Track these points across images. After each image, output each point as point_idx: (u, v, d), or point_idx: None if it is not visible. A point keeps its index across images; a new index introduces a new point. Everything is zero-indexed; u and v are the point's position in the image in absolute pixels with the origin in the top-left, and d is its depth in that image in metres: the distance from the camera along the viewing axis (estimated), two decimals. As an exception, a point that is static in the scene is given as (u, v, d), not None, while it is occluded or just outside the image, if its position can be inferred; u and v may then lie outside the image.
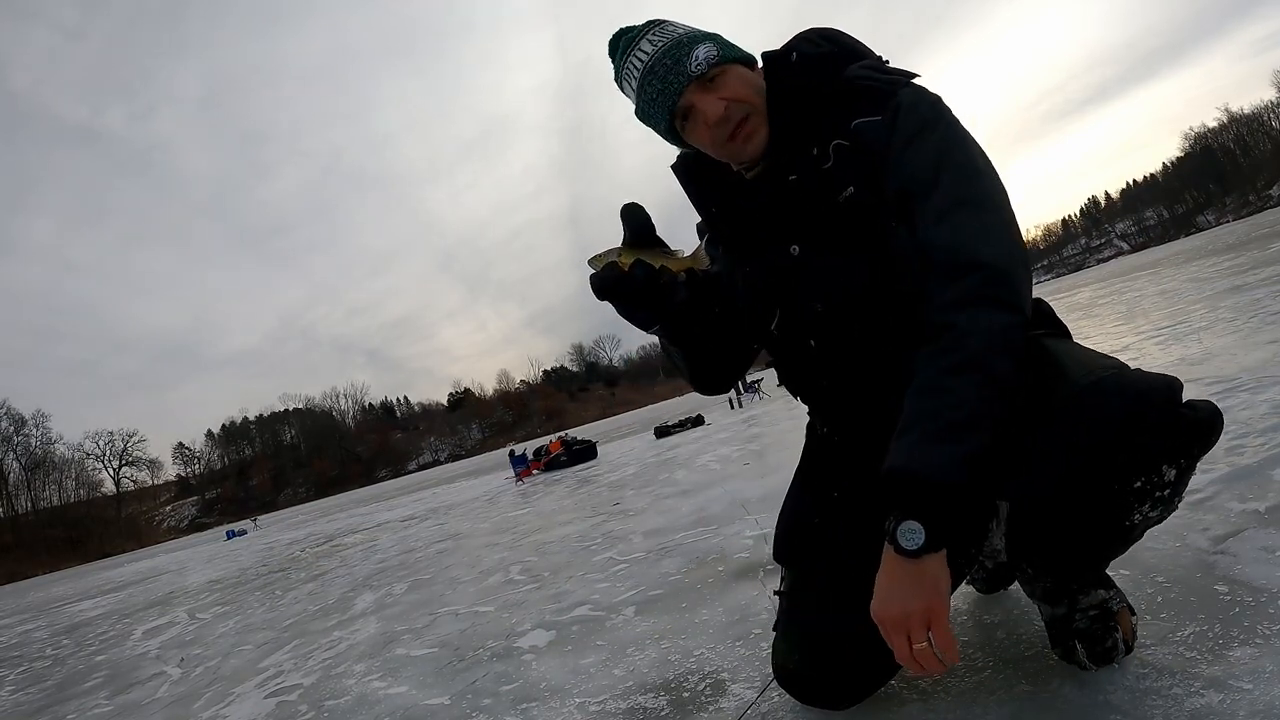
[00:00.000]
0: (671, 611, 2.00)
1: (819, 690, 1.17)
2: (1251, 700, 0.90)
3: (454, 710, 1.72)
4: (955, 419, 0.89)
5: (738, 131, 1.07)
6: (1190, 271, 10.67)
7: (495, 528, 5.23)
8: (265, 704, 2.22)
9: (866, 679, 1.15)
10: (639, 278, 1.02)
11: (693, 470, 5.32)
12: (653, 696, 1.47)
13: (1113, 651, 1.05)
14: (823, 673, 1.14)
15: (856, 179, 1.04)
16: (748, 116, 1.07)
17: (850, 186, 1.04)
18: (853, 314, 1.08)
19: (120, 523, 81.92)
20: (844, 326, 1.10)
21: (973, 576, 1.46)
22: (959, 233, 0.95)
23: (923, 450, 0.89)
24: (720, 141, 1.09)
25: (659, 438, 10.77)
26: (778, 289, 1.15)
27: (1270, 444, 1.88)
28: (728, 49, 1.09)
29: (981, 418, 0.90)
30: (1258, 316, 4.23)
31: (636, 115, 1.15)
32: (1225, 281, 7.19)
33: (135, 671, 3.36)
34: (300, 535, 11.26)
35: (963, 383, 0.90)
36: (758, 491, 3.52)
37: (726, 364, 1.27)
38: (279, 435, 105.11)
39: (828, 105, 1.07)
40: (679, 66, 1.05)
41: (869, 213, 1.04)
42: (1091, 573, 1.07)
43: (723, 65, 1.07)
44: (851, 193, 1.04)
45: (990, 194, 0.99)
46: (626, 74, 1.11)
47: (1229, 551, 1.33)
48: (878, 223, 1.03)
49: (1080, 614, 1.06)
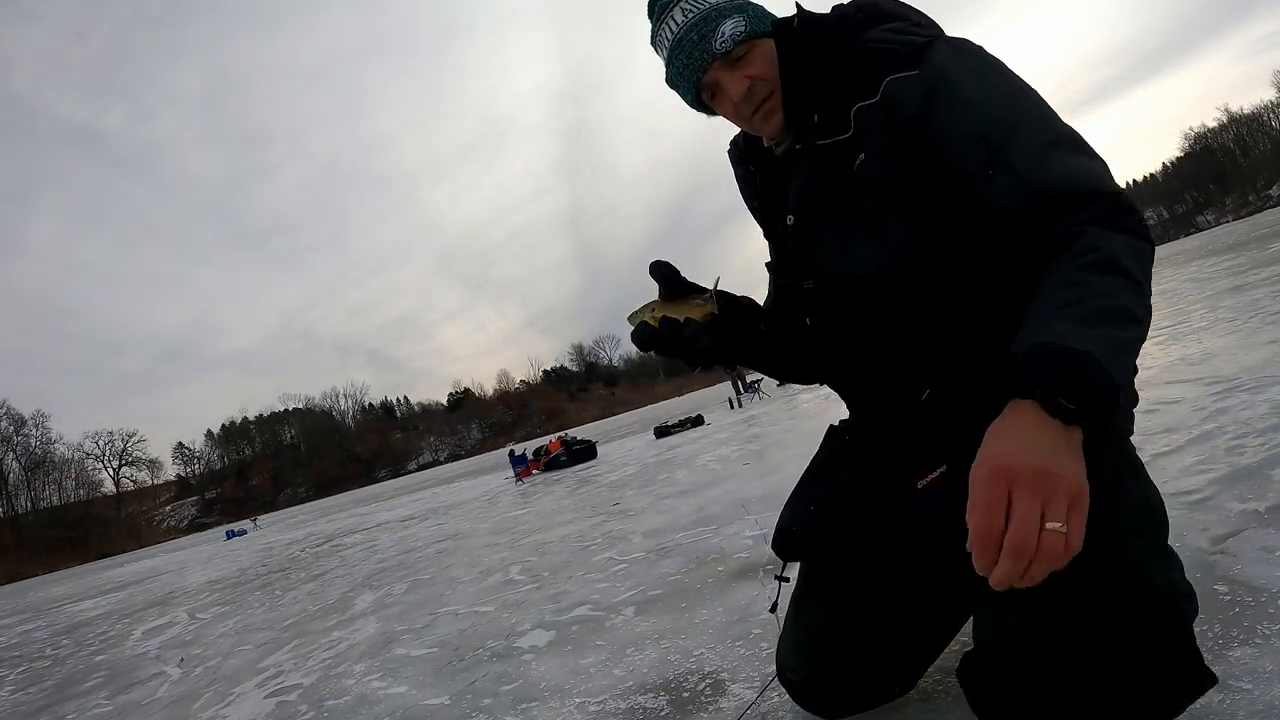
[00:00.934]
0: (671, 611, 2.00)
1: (819, 696, 1.16)
2: (1251, 700, 0.90)
3: (454, 710, 1.72)
4: (1105, 305, 0.74)
5: (758, 109, 1.07)
6: (1190, 271, 10.67)
7: (495, 528, 5.23)
8: (265, 704, 2.22)
9: (869, 687, 1.14)
10: (665, 334, 1.04)
11: (692, 470, 5.32)
12: (652, 696, 1.47)
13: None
14: (825, 677, 1.13)
15: (880, 142, 0.97)
16: (771, 94, 1.06)
17: (862, 154, 0.98)
18: (849, 295, 1.05)
19: (120, 523, 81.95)
20: (839, 307, 1.07)
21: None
22: (1078, 167, 0.87)
23: (1070, 329, 0.72)
24: (745, 118, 1.09)
25: (659, 438, 10.77)
26: (777, 264, 1.15)
27: (1270, 444, 1.88)
28: (756, 24, 1.06)
29: (1133, 313, 0.75)
30: (1257, 316, 4.23)
31: (665, 82, 1.15)
32: (1225, 281, 7.19)
33: (135, 671, 3.36)
34: (300, 535, 11.26)
35: (1108, 280, 0.77)
36: (757, 491, 3.52)
37: (796, 365, 1.24)
38: (279, 435, 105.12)
39: (842, 71, 1.03)
40: (705, 43, 1.05)
41: (886, 182, 0.98)
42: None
43: (750, 41, 1.05)
44: (863, 160, 0.98)
45: (1079, 136, 0.91)
46: (659, 40, 1.12)
47: (1229, 551, 1.33)
48: (898, 191, 0.98)
49: None
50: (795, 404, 9.27)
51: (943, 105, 0.93)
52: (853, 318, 1.06)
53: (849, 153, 0.99)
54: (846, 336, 1.09)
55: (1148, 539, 0.82)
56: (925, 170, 0.95)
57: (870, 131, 0.98)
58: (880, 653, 1.09)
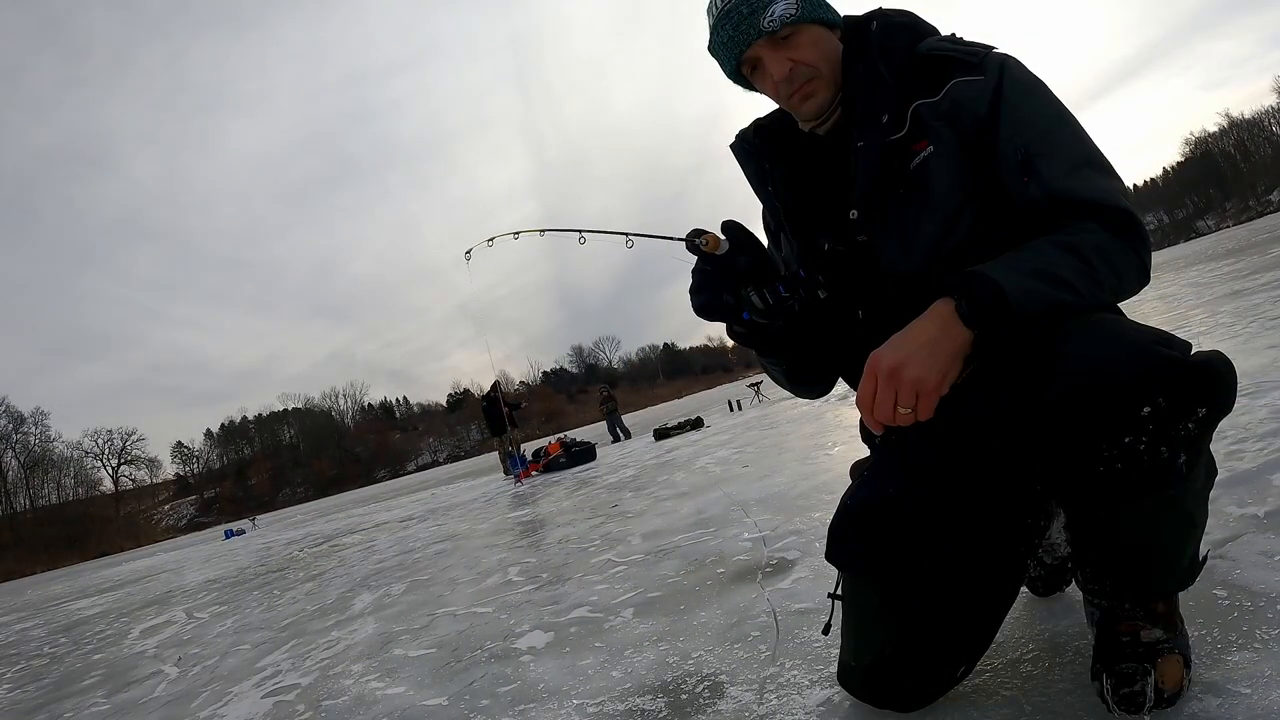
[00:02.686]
0: (670, 613, 2.00)
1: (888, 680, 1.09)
2: (1250, 705, 0.90)
3: (452, 711, 1.72)
4: (1042, 268, 0.90)
5: (797, 91, 1.09)
6: (1190, 276, 10.68)
7: (494, 529, 5.23)
8: (263, 704, 2.22)
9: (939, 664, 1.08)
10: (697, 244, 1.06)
11: (692, 472, 5.32)
12: (650, 698, 1.47)
13: (1138, 698, 0.92)
14: (894, 656, 1.06)
15: (949, 137, 1.04)
16: (813, 79, 1.09)
17: (926, 149, 1.04)
18: (909, 284, 1.06)
19: (118, 521, 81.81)
20: (897, 297, 1.07)
21: (1031, 577, 1.38)
22: (1096, 184, 0.98)
23: (1001, 269, 0.89)
24: (784, 98, 1.11)
25: (658, 440, 10.77)
26: (831, 256, 1.14)
27: (1269, 449, 1.88)
28: (809, 9, 1.08)
29: (1068, 283, 0.89)
30: (1257, 321, 4.23)
31: (708, 49, 1.16)
32: (1225, 286, 7.19)
33: (132, 670, 3.36)
34: (298, 535, 11.24)
35: (1063, 256, 0.91)
36: (757, 494, 3.52)
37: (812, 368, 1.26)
38: (278, 435, 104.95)
39: (905, 74, 1.07)
40: (753, 18, 1.06)
41: (954, 173, 1.04)
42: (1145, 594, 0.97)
43: (798, 24, 1.07)
44: (929, 153, 1.04)
45: (1106, 160, 1.02)
46: (710, 7, 1.13)
47: (1228, 556, 1.33)
48: (956, 187, 1.04)
49: (1122, 646, 0.96)
50: (795, 406, 9.27)
51: (1004, 113, 1.03)
52: (914, 307, 1.05)
53: (905, 147, 1.06)
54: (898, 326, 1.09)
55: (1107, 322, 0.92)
56: (988, 166, 1.04)
57: (931, 128, 1.05)
58: (944, 622, 1.05)
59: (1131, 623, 0.97)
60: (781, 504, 3.09)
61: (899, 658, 1.07)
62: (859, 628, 1.12)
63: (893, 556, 1.05)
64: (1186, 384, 0.84)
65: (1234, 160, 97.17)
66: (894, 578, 1.06)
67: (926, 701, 1.11)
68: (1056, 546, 1.32)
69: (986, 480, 1.02)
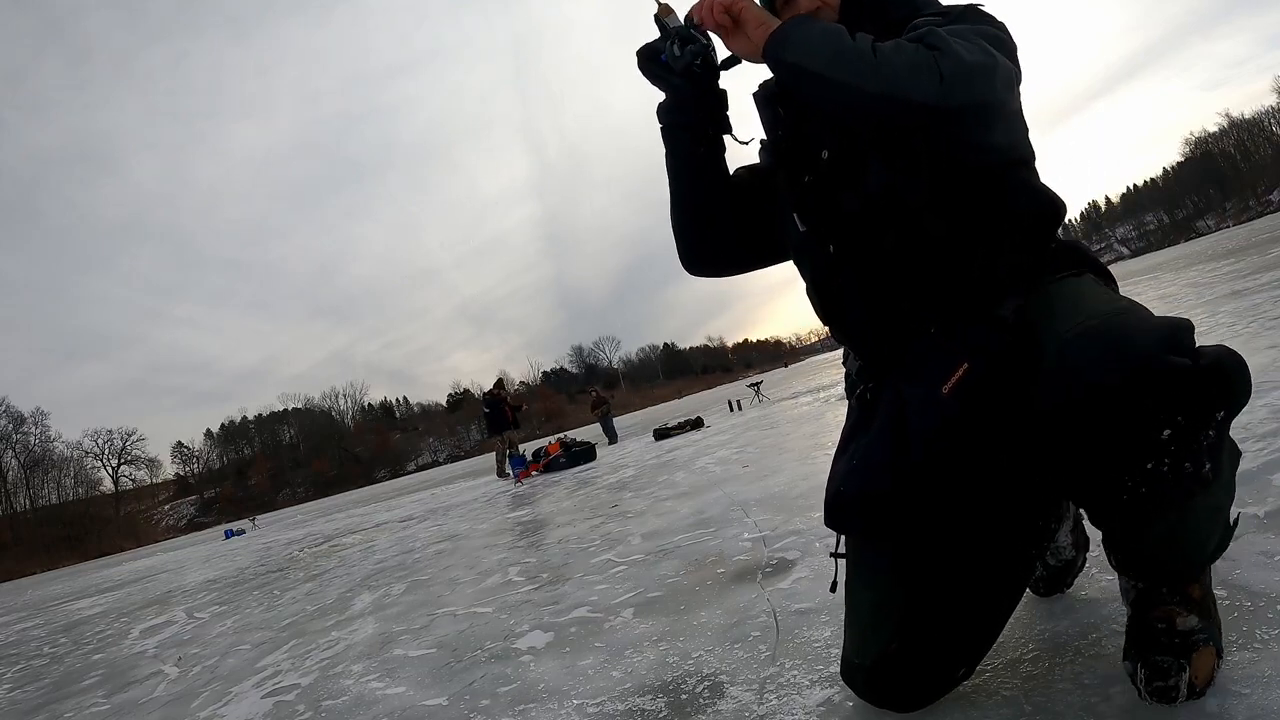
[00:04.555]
0: (670, 613, 2.00)
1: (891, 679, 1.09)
2: (1249, 705, 0.90)
3: (452, 711, 1.72)
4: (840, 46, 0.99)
5: None
6: (1190, 276, 10.68)
7: (494, 529, 5.23)
8: (263, 704, 2.22)
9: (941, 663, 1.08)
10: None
11: (691, 472, 5.32)
12: (651, 699, 1.47)
13: (1171, 692, 0.91)
14: (899, 654, 1.07)
15: None
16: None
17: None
18: (882, 218, 1.07)
19: (118, 521, 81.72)
20: (870, 231, 1.09)
21: (1035, 579, 1.38)
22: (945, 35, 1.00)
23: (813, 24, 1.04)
24: None
25: (658, 440, 10.76)
26: (809, 189, 1.17)
27: (1269, 449, 1.88)
28: None
29: (858, 50, 0.98)
30: (1257, 321, 4.23)
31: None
32: (1225, 286, 7.19)
33: (132, 670, 3.36)
34: (299, 535, 11.24)
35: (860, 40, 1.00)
36: (757, 494, 3.52)
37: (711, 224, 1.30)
38: (278, 435, 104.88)
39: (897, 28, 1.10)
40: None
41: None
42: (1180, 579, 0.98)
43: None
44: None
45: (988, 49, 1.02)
46: None
47: (1227, 556, 1.32)
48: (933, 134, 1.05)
49: (1158, 634, 0.95)
50: (795, 406, 9.27)
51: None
52: (885, 242, 1.08)
53: None
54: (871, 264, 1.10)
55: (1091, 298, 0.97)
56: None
57: None
58: (949, 620, 1.06)
59: (1167, 608, 0.96)
60: (781, 504, 3.09)
61: (903, 654, 1.07)
62: (863, 624, 1.13)
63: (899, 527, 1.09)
64: (1203, 393, 0.82)
65: (1234, 160, 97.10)
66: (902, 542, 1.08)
67: (926, 702, 1.11)
68: (1062, 549, 1.32)
69: (999, 479, 1.02)
